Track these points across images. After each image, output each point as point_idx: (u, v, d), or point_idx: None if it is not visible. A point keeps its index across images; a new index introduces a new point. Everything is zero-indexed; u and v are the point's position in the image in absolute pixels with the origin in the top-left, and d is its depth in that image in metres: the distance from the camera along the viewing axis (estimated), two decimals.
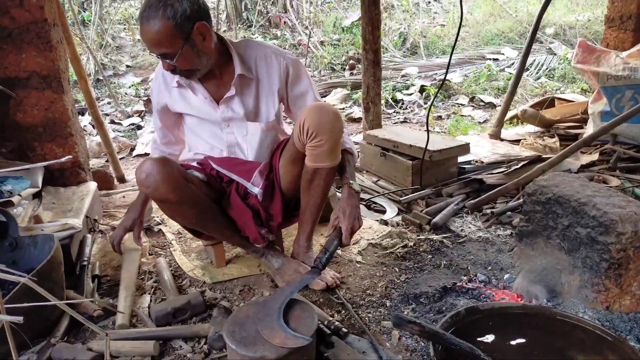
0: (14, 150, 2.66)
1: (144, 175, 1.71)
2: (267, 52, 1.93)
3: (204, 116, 1.98)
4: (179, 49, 1.70)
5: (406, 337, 1.66)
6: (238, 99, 1.92)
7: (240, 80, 1.89)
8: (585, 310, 1.69)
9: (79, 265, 2.10)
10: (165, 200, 1.78)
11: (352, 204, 1.81)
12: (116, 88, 6.11)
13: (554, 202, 1.82)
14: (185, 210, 1.84)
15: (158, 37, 1.67)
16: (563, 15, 7.90)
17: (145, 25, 1.66)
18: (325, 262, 1.76)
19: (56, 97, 2.64)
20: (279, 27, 8.10)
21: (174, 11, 1.64)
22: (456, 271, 2.08)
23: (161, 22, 1.64)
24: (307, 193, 1.90)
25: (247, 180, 1.92)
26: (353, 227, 1.78)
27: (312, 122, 1.71)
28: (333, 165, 1.83)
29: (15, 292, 1.49)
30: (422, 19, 8.33)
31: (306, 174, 1.86)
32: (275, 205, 1.95)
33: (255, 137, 1.97)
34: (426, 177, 2.88)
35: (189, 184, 1.81)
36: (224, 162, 2.00)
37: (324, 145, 1.74)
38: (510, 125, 4.36)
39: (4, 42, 2.49)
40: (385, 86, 5.70)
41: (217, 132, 2.00)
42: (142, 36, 1.71)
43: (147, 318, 1.79)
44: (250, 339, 1.40)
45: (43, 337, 1.67)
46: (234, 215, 1.95)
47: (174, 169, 1.76)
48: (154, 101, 2.07)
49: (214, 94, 1.93)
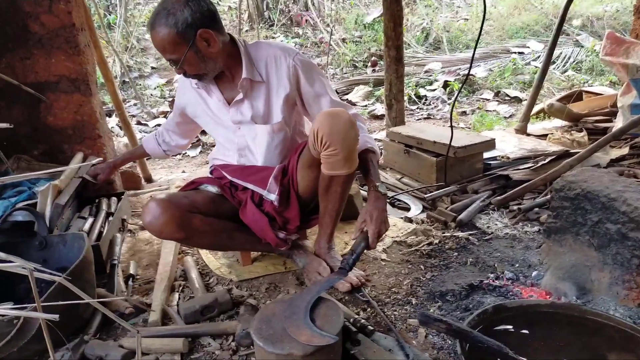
0: (45, 152, 2.74)
1: (148, 219, 1.78)
2: (277, 53, 1.90)
3: (218, 118, 2.00)
4: (182, 55, 1.74)
5: (433, 335, 1.65)
6: (247, 102, 1.92)
7: (248, 84, 1.89)
8: (616, 307, 1.65)
9: (109, 264, 2.15)
10: (174, 239, 1.89)
11: (379, 207, 1.78)
12: (142, 89, 6.22)
13: (582, 197, 1.79)
14: (197, 241, 1.93)
15: (163, 44, 1.73)
16: (590, 6, 7.72)
17: (152, 32, 1.73)
18: (352, 264, 1.76)
19: (84, 99, 2.70)
20: (301, 26, 8.12)
21: (176, 19, 1.69)
22: (483, 269, 2.06)
23: (165, 30, 1.70)
24: (325, 199, 1.89)
25: (263, 188, 1.92)
26: (380, 231, 1.76)
27: (325, 131, 1.68)
28: (350, 173, 1.80)
29: (51, 291, 1.53)
30: (445, 14, 8.24)
31: (323, 180, 1.84)
32: (292, 209, 1.94)
33: (263, 140, 1.96)
34: (451, 173, 2.86)
35: (196, 214, 1.84)
36: (237, 171, 2.01)
37: (339, 154, 1.71)
38: (537, 119, 4.29)
39: (35, 47, 2.56)
40: (408, 82, 5.66)
41: (229, 135, 2.02)
42: (152, 42, 1.79)
43: (177, 315, 1.82)
44: (277, 336, 1.41)
45: (76, 335, 1.72)
46: (251, 223, 1.95)
47: (178, 207, 1.79)
48: (177, 97, 2.14)
49: (227, 96, 1.95)
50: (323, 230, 2.01)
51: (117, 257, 2.19)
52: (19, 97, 2.60)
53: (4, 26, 2.49)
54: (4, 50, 2.53)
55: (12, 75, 2.54)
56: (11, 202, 2.10)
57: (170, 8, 1.69)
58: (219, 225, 1.91)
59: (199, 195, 1.97)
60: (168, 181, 3.51)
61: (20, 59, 2.57)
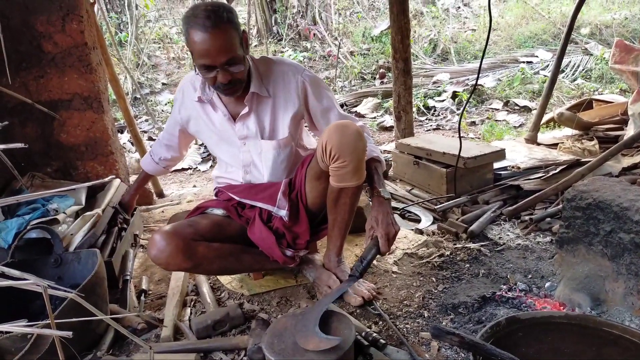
0: (59, 169, 2.78)
1: (154, 252, 1.79)
2: (285, 69, 1.91)
3: (222, 134, 1.98)
4: (239, 55, 1.71)
5: (446, 348, 1.64)
6: (254, 116, 1.91)
7: (255, 98, 1.89)
8: (631, 318, 1.63)
9: (121, 279, 2.16)
10: (182, 270, 1.91)
11: (384, 211, 1.79)
12: (153, 106, 6.29)
13: (594, 207, 1.77)
14: (206, 268, 1.92)
15: (229, 42, 1.67)
16: (598, 15, 7.70)
17: (212, 32, 1.63)
18: (362, 270, 1.76)
19: (97, 117, 2.74)
20: (309, 40, 8.18)
21: (234, 17, 1.69)
22: (495, 280, 2.05)
23: (228, 26, 1.66)
24: (334, 211, 1.89)
25: (273, 205, 1.93)
26: (388, 233, 1.75)
27: (334, 143, 1.69)
28: (359, 184, 1.81)
29: (63, 307, 1.54)
30: (452, 25, 8.26)
31: (332, 193, 1.84)
32: (301, 224, 1.95)
33: (269, 155, 1.96)
34: (461, 184, 2.85)
35: (201, 242, 1.84)
36: (244, 192, 2.01)
37: (348, 166, 1.72)
38: (547, 129, 4.26)
39: (48, 66, 2.61)
40: (417, 94, 5.67)
41: (234, 151, 2.01)
42: (206, 45, 1.65)
43: (189, 330, 1.83)
44: (288, 351, 1.41)
45: (89, 351, 1.73)
46: (259, 241, 1.94)
47: (182, 237, 1.80)
48: (177, 111, 2.09)
49: (231, 111, 1.94)
50: (332, 244, 2.01)
51: (129, 272, 2.20)
52: (32, 115, 2.65)
53: (18, 46, 2.55)
54: (19, 69, 2.58)
55: (26, 94, 2.59)
56: (25, 219, 2.13)
57: (224, 6, 1.67)
58: (225, 249, 1.91)
59: (203, 221, 1.96)
60: (179, 196, 3.53)
61: (34, 78, 2.62)
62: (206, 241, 1.87)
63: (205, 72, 1.73)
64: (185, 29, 1.69)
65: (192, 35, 1.66)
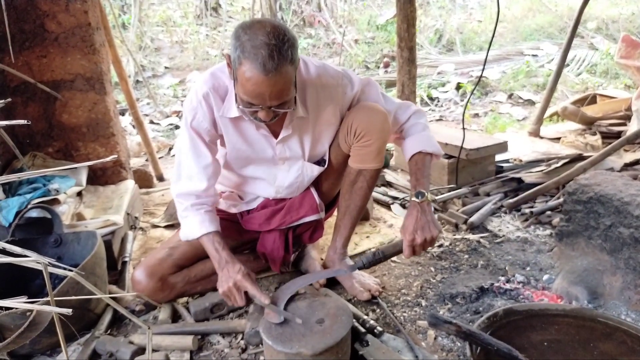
0: (60, 150, 2.77)
1: (138, 288, 1.82)
2: (338, 83, 1.75)
3: (256, 152, 1.81)
4: (295, 94, 1.57)
5: (442, 337, 1.65)
6: (296, 138, 1.79)
7: (295, 119, 1.73)
8: (627, 312, 1.64)
9: (120, 261, 2.17)
10: (172, 300, 1.90)
11: (413, 215, 1.66)
12: (155, 89, 6.26)
13: (595, 201, 1.77)
14: (191, 292, 1.93)
15: (286, 87, 1.48)
16: (605, 9, 7.64)
17: (271, 77, 1.41)
18: (366, 262, 1.70)
19: (99, 98, 2.73)
20: (313, 26, 8.13)
21: (295, 50, 1.46)
22: (494, 271, 2.05)
23: (289, 67, 1.45)
24: (349, 196, 1.87)
25: (317, 213, 1.94)
26: (412, 239, 1.62)
27: (361, 122, 1.69)
28: (378, 167, 1.81)
29: (63, 285, 1.55)
30: (459, 15, 8.20)
31: (349, 175, 1.83)
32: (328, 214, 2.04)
33: (309, 174, 1.89)
34: (462, 175, 2.85)
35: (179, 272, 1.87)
36: (278, 217, 1.94)
37: (372, 145, 1.72)
38: (550, 122, 4.25)
39: (51, 46, 2.59)
40: (421, 84, 5.64)
41: (268, 169, 1.87)
42: (261, 89, 1.44)
43: (187, 313, 1.84)
44: (286, 335, 1.42)
45: (87, 330, 1.74)
46: (270, 252, 1.98)
47: (160, 276, 1.82)
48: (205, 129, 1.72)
49: (271, 130, 1.77)
50: (340, 233, 1.96)
51: (128, 254, 2.21)
52: (34, 95, 2.64)
53: (21, 24, 2.53)
54: (21, 48, 2.56)
55: (29, 73, 2.57)
56: (27, 198, 2.13)
57: (287, 38, 1.45)
58: (207, 269, 1.89)
59: (182, 247, 1.88)
60: None
61: (37, 57, 2.60)
62: (187, 267, 1.90)
63: (247, 107, 1.53)
64: (238, 55, 1.44)
65: (246, 71, 1.43)
